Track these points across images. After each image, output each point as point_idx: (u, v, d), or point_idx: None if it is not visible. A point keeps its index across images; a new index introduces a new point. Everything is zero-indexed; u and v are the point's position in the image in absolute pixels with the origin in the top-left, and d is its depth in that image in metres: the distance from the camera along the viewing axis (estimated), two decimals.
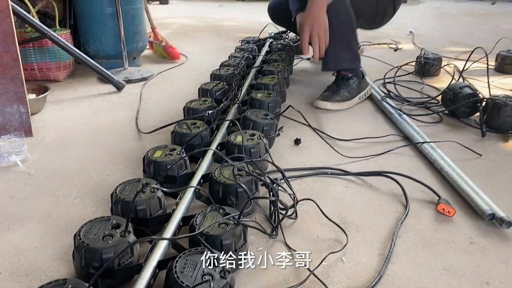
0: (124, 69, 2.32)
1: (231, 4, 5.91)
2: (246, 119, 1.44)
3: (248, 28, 3.84)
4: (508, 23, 4.03)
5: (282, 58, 2.18)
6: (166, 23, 4.10)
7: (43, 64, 2.13)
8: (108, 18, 2.28)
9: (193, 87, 2.12)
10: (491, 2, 5.46)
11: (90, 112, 1.81)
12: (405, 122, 1.62)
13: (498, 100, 1.55)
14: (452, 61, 2.53)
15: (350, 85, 1.84)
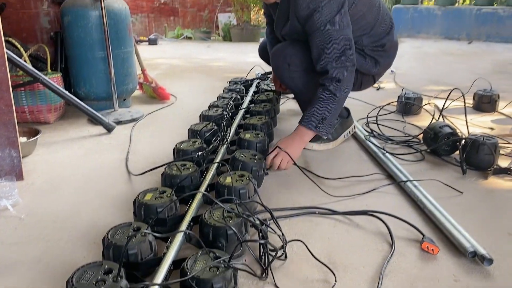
0: (114, 111, 2.36)
1: (219, 45, 6.08)
2: (235, 160, 1.48)
3: (235, 68, 3.95)
4: (484, 62, 4.21)
5: (269, 98, 2.25)
6: (155, 63, 4.19)
7: (34, 107, 2.16)
8: (99, 62, 2.34)
9: (183, 128, 2.16)
10: (467, 42, 5.71)
11: (81, 154, 1.83)
12: (389, 161, 1.68)
13: (476, 139, 1.62)
14: (432, 99, 2.64)
15: (335, 125, 1.90)
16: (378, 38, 1.83)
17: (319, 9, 1.56)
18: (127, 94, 2.54)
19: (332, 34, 1.57)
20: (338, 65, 1.59)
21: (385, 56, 1.88)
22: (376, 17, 1.80)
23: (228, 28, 7.01)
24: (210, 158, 1.57)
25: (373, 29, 1.80)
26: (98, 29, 2.28)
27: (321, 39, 1.59)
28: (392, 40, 1.89)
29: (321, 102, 1.60)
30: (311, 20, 1.58)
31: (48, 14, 2.67)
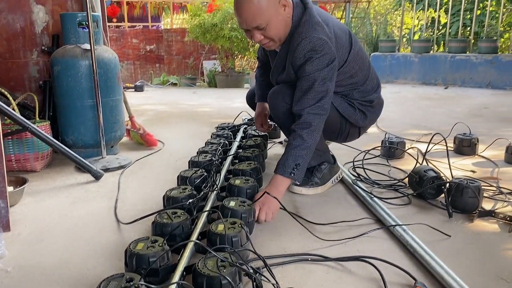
0: (102, 158, 2.36)
1: (204, 91, 6.19)
2: (224, 207, 1.49)
3: (221, 113, 4.01)
4: (461, 106, 4.38)
5: (256, 144, 2.29)
6: (141, 110, 4.23)
7: (21, 155, 2.15)
8: (87, 110, 2.36)
9: (171, 174, 2.17)
10: (444, 87, 5.95)
11: (68, 203, 1.81)
12: (377, 205, 1.70)
13: (460, 183, 1.67)
14: (414, 143, 2.71)
15: (323, 170, 1.94)
16: (367, 94, 1.94)
17: (312, 60, 1.66)
18: (115, 141, 2.55)
19: (315, 83, 1.67)
20: (312, 111, 1.67)
21: (372, 111, 1.98)
22: (366, 75, 1.92)
23: (213, 75, 7.18)
24: (200, 205, 1.57)
25: (363, 86, 1.92)
26: (87, 78, 2.32)
27: (306, 84, 1.68)
28: (379, 98, 2.02)
29: (294, 149, 1.66)
30: (302, 68, 1.69)
31: (37, 64, 2.71)
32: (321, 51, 1.65)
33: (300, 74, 1.71)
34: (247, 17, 1.61)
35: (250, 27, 1.65)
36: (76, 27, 2.36)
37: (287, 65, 1.77)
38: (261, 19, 1.61)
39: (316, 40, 1.65)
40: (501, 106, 4.38)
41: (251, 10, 1.59)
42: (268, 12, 1.60)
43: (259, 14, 1.59)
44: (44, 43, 2.69)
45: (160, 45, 8.10)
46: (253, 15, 1.60)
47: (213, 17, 6.23)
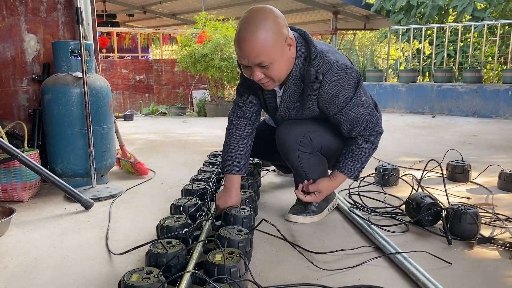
0: (92, 187, 2.30)
1: (194, 120, 6.19)
2: (220, 237, 1.44)
3: (212, 142, 3.99)
4: (450, 134, 4.43)
5: (250, 171, 2.26)
6: (131, 139, 4.19)
7: (7, 185, 2.09)
8: (78, 138, 2.32)
9: (163, 203, 2.12)
10: (431, 116, 6.04)
11: (57, 233, 1.74)
12: (375, 233, 1.67)
13: (458, 209, 1.66)
14: (408, 170, 2.71)
15: None
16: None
17: (342, 88, 1.63)
18: (105, 170, 2.50)
19: (358, 107, 1.68)
20: (374, 127, 1.73)
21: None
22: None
23: (203, 104, 7.20)
24: (195, 234, 1.52)
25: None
26: (79, 106, 2.30)
27: (350, 116, 1.69)
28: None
29: (365, 153, 1.75)
30: (335, 100, 1.65)
31: (27, 92, 2.68)
32: (346, 75, 1.63)
33: (334, 108, 1.68)
34: (251, 53, 1.50)
35: (252, 64, 1.54)
36: (68, 55, 2.35)
37: (306, 100, 1.70)
38: (265, 57, 1.51)
39: (338, 68, 1.61)
40: (489, 134, 4.45)
41: (256, 46, 1.49)
42: (274, 51, 1.52)
43: (264, 51, 1.50)
44: (34, 72, 2.67)
45: (150, 75, 8.14)
46: (258, 51, 1.50)
47: (203, 47, 6.30)
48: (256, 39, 1.48)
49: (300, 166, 1.83)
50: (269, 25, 1.50)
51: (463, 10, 7.21)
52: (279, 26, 1.52)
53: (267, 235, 1.67)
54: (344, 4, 10.38)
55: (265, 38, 1.49)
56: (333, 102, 1.66)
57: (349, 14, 11.30)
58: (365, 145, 1.73)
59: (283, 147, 1.84)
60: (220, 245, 1.33)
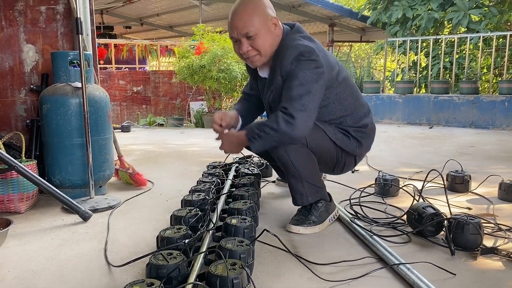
0: (90, 198, 2.27)
1: (192, 131, 6.18)
2: (222, 249, 1.42)
3: (210, 153, 3.97)
4: (447, 145, 4.44)
5: (251, 182, 2.25)
6: (129, 150, 4.17)
7: (4, 196, 2.06)
8: (76, 149, 2.30)
9: (162, 214, 2.10)
10: (429, 127, 6.06)
11: (55, 245, 1.71)
12: (377, 244, 1.66)
13: (461, 219, 1.65)
14: (407, 181, 2.70)
15: (320, 208, 1.90)
16: (359, 119, 1.96)
17: (299, 62, 1.74)
18: (103, 181, 2.47)
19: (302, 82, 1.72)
20: (298, 107, 1.70)
21: (366, 137, 1.98)
22: (357, 99, 1.97)
23: (200, 115, 7.19)
24: (196, 246, 1.50)
25: (355, 111, 1.94)
26: (77, 117, 2.28)
27: (292, 83, 1.74)
28: (372, 122, 2.03)
29: (267, 124, 1.73)
30: (291, 73, 1.75)
31: (25, 102, 2.67)
32: (309, 56, 1.73)
33: (289, 77, 1.76)
34: (239, 23, 1.75)
35: (240, 35, 1.77)
36: (68, 66, 2.35)
37: (276, 76, 1.82)
38: (252, 26, 1.74)
39: (303, 47, 1.74)
40: (487, 145, 4.46)
41: (243, 18, 1.75)
42: (259, 23, 1.75)
43: (250, 22, 1.74)
44: (33, 82, 2.66)
45: (147, 87, 8.14)
46: (245, 22, 1.74)
47: (201, 59, 6.32)
48: (243, 11, 1.76)
49: (288, 158, 1.82)
50: (257, 3, 1.78)
51: (458, 22, 7.28)
52: (264, 5, 1.79)
53: (268, 246, 1.65)
54: (341, 16, 10.48)
55: (252, 11, 1.75)
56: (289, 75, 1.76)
57: (346, 26, 11.40)
58: (271, 119, 1.73)
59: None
60: (222, 256, 1.31)
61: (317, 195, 1.90)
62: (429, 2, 7.73)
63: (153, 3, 12.13)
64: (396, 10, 7.96)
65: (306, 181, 1.86)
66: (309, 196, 1.88)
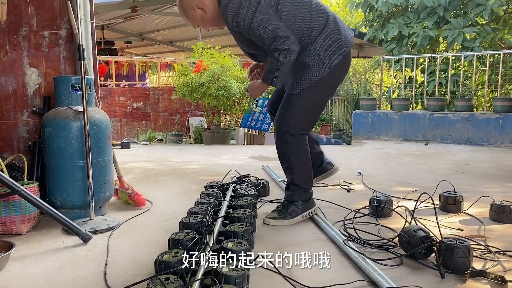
0: (90, 219, 2.32)
1: (191, 147, 6.24)
2: (217, 273, 1.47)
3: (209, 171, 4.03)
4: (443, 162, 4.50)
5: (247, 203, 2.30)
6: (128, 167, 4.22)
7: (6, 218, 2.11)
8: (77, 171, 2.36)
9: (161, 235, 2.14)
10: (424, 144, 6.13)
11: (55, 268, 1.76)
12: (369, 267, 1.70)
13: (450, 242, 1.70)
14: (401, 201, 2.76)
15: (295, 206, 2.31)
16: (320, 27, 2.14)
17: (239, 13, 2.02)
18: (103, 202, 2.53)
19: (259, 28, 2.02)
20: (279, 45, 2.01)
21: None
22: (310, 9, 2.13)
23: (199, 131, 7.27)
24: (193, 269, 1.55)
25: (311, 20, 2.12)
26: (78, 139, 2.34)
27: (255, 35, 2.05)
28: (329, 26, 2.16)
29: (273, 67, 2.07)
30: (239, 26, 2.06)
31: (27, 124, 2.73)
32: (241, 7, 2.00)
33: (244, 32, 2.08)
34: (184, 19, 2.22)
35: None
36: (69, 90, 2.41)
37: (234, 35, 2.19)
38: (191, 22, 2.19)
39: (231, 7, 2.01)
40: (481, 162, 4.52)
41: (185, 19, 2.22)
42: (193, 19, 2.16)
43: (189, 21, 2.20)
44: (35, 104, 2.72)
45: (147, 103, 8.24)
46: (187, 21, 2.22)
47: (200, 76, 6.42)
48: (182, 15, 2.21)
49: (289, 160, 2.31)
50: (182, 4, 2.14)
51: (453, 40, 7.41)
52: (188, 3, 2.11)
53: (263, 270, 1.69)
54: None
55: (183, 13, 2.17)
56: (239, 27, 2.06)
57: None
58: (273, 60, 2.05)
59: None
60: (217, 281, 1.35)
61: (300, 196, 2.31)
62: (424, 20, 7.87)
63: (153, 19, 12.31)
64: (392, 28, 8.10)
65: (294, 183, 2.30)
66: (295, 196, 2.31)
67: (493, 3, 6.91)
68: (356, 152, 5.32)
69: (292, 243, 2.06)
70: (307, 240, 2.10)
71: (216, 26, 2.22)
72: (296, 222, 2.24)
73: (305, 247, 2.00)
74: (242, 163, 4.48)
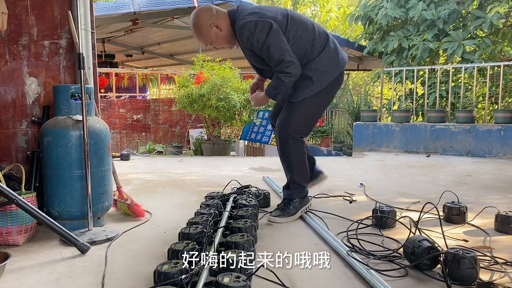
0: (88, 230, 2.28)
1: (191, 159, 6.21)
2: (218, 285, 1.43)
3: (209, 182, 3.99)
4: (445, 174, 4.47)
5: (248, 214, 2.26)
6: (128, 179, 4.18)
7: (3, 228, 2.07)
8: (76, 180, 2.32)
9: (160, 246, 2.10)
10: (426, 155, 6.10)
11: (52, 279, 1.71)
12: (374, 278, 1.66)
13: (456, 253, 1.66)
14: (404, 212, 2.72)
15: (295, 203, 2.58)
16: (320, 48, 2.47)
17: (254, 34, 2.28)
18: (102, 212, 2.49)
19: (270, 49, 2.30)
20: (284, 68, 2.32)
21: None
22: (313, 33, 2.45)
23: (199, 143, 7.24)
24: (193, 280, 1.51)
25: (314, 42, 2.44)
26: (77, 149, 2.31)
27: (266, 55, 2.35)
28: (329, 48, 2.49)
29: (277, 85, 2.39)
30: (252, 45, 2.33)
31: (26, 134, 2.70)
32: (257, 27, 2.26)
33: (256, 50, 2.35)
34: (199, 40, 2.42)
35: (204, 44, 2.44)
36: (69, 99, 2.39)
37: (245, 51, 2.47)
38: (205, 39, 2.39)
39: (248, 26, 2.27)
40: (483, 174, 4.49)
41: (198, 36, 2.41)
42: (207, 37, 2.38)
43: (203, 40, 2.40)
44: (34, 114, 2.70)
45: (147, 114, 8.24)
46: (199, 38, 2.41)
47: (200, 88, 6.42)
48: (195, 35, 2.43)
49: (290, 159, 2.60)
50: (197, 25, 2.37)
51: (453, 52, 7.43)
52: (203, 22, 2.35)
53: (265, 281, 1.65)
54: None
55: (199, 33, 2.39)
56: (253, 46, 2.34)
57: None
58: (277, 79, 2.37)
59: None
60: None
61: (299, 194, 2.59)
62: (424, 32, 7.91)
63: (154, 33, 12.38)
64: (392, 40, 8.14)
65: (294, 181, 2.59)
66: (294, 194, 2.59)
67: (492, 16, 6.95)
68: (357, 164, 5.29)
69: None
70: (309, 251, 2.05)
71: (228, 43, 2.45)
72: (297, 218, 2.57)
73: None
74: (243, 174, 4.45)
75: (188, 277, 1.47)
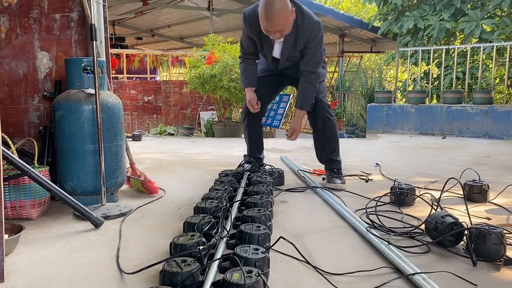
0: (102, 205, 2.25)
1: (202, 140, 6.17)
2: (237, 256, 1.39)
3: (222, 161, 3.95)
4: (462, 155, 4.37)
5: (264, 190, 2.21)
6: (140, 158, 4.16)
7: (16, 202, 2.05)
8: (89, 155, 2.29)
9: (174, 221, 2.07)
10: (442, 137, 5.98)
11: (67, 252, 1.69)
12: (394, 254, 1.61)
13: (482, 228, 1.59)
14: (423, 190, 2.64)
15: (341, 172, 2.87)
16: None
17: (318, 36, 2.52)
18: (115, 188, 2.46)
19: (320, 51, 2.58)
20: (318, 68, 2.62)
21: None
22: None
23: (210, 125, 7.20)
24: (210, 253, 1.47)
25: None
26: (90, 123, 2.27)
27: (315, 51, 2.56)
28: None
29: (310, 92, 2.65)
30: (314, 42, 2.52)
31: (38, 109, 2.67)
32: (321, 28, 2.52)
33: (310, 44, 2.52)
34: (277, 26, 2.35)
35: (274, 31, 2.38)
36: (81, 72, 2.35)
37: (297, 45, 2.53)
38: (284, 26, 2.37)
39: (319, 24, 2.51)
40: (502, 155, 4.38)
41: (280, 21, 2.33)
42: (288, 21, 2.37)
43: (284, 24, 2.36)
44: (46, 89, 2.66)
45: (158, 96, 8.19)
46: (278, 25, 2.35)
47: (212, 68, 6.34)
48: (280, 16, 2.32)
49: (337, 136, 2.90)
50: (285, 7, 2.32)
51: (470, 32, 7.23)
52: (287, 5, 2.34)
53: (283, 256, 1.61)
54: (351, 27, 10.48)
55: (285, 15, 2.33)
56: (312, 42, 2.52)
57: (356, 37, 11.40)
58: (308, 86, 2.63)
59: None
60: (239, 263, 1.27)
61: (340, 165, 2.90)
62: (440, 12, 7.70)
63: (164, 15, 12.27)
64: (407, 21, 7.94)
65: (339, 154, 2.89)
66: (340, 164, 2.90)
67: None
68: (372, 145, 5.20)
69: (311, 230, 1.97)
70: (326, 227, 2.00)
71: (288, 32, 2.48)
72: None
73: (325, 234, 1.91)
74: None
75: (206, 248, 1.43)
